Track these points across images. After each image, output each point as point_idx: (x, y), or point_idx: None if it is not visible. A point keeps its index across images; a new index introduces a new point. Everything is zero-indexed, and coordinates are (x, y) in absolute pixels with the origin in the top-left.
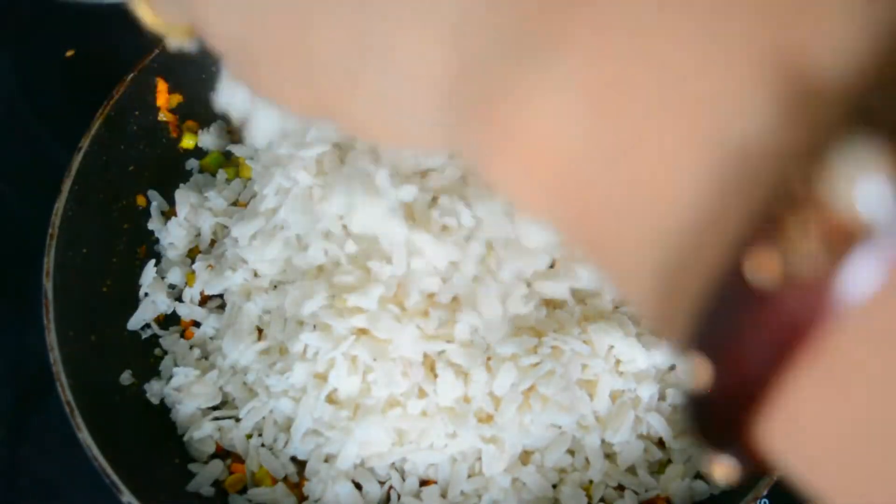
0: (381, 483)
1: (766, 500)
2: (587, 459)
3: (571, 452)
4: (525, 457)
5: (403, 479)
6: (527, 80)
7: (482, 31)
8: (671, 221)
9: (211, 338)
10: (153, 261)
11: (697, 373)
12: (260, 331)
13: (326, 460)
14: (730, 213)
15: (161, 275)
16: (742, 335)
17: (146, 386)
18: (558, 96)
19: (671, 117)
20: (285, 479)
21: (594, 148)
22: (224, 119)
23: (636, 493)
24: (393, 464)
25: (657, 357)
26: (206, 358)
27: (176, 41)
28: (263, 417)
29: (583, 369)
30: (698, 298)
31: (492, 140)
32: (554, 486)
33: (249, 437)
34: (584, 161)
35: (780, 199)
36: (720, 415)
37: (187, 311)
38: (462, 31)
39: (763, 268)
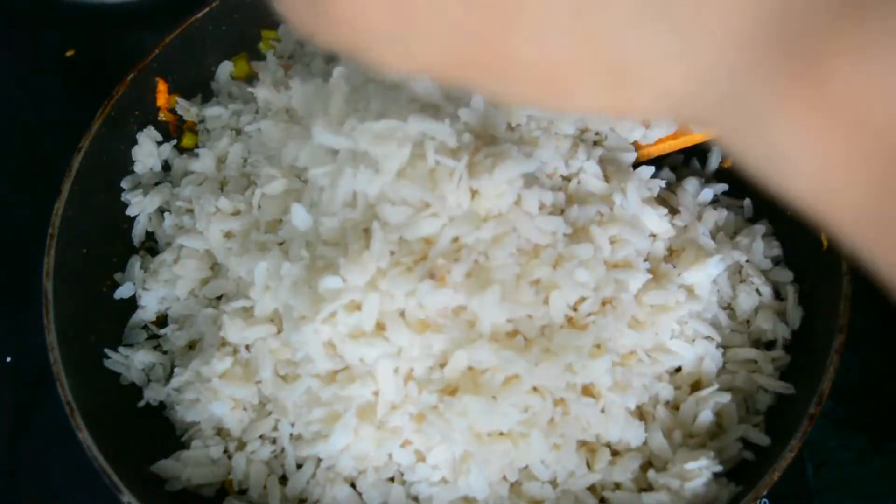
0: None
1: (766, 500)
2: (589, 463)
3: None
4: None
5: (403, 482)
6: (854, 31)
7: None
8: None
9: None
10: (137, 257)
11: None
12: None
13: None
14: None
15: (156, 273)
16: None
17: (146, 386)
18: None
19: None
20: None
21: None
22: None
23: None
24: (392, 478)
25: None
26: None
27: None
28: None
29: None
30: None
31: (803, 82)
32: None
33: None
34: None
35: None
36: None
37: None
38: None
39: None
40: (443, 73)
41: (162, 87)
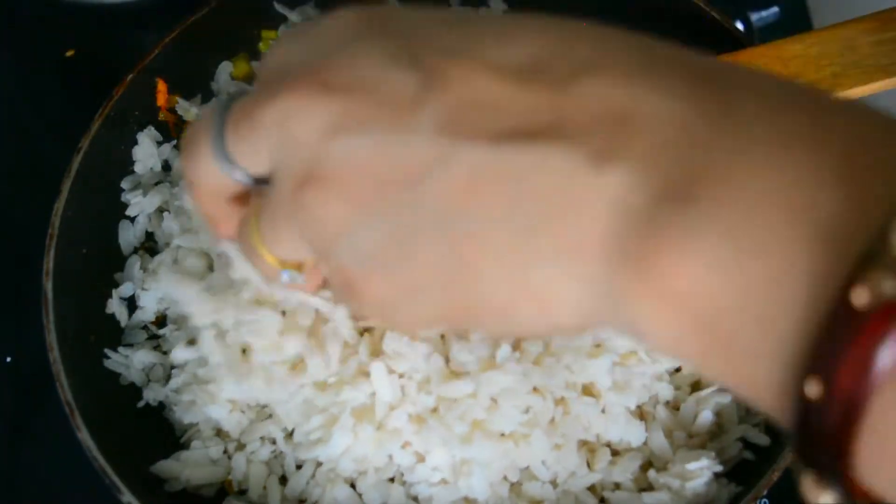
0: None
1: (766, 501)
2: (589, 463)
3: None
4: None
5: (403, 483)
6: (675, 231)
7: (644, 192)
8: (794, 317)
9: None
10: (136, 257)
11: (809, 393)
12: None
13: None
14: (834, 268)
15: (155, 273)
16: (847, 353)
17: (146, 386)
18: (703, 240)
19: (789, 239)
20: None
21: (728, 282)
22: None
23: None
24: (392, 478)
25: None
26: None
27: (287, 274)
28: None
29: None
30: (810, 337)
31: (646, 282)
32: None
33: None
34: (720, 295)
35: (868, 256)
36: (829, 430)
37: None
38: (624, 197)
39: (861, 297)
40: (444, 324)
41: (162, 87)
